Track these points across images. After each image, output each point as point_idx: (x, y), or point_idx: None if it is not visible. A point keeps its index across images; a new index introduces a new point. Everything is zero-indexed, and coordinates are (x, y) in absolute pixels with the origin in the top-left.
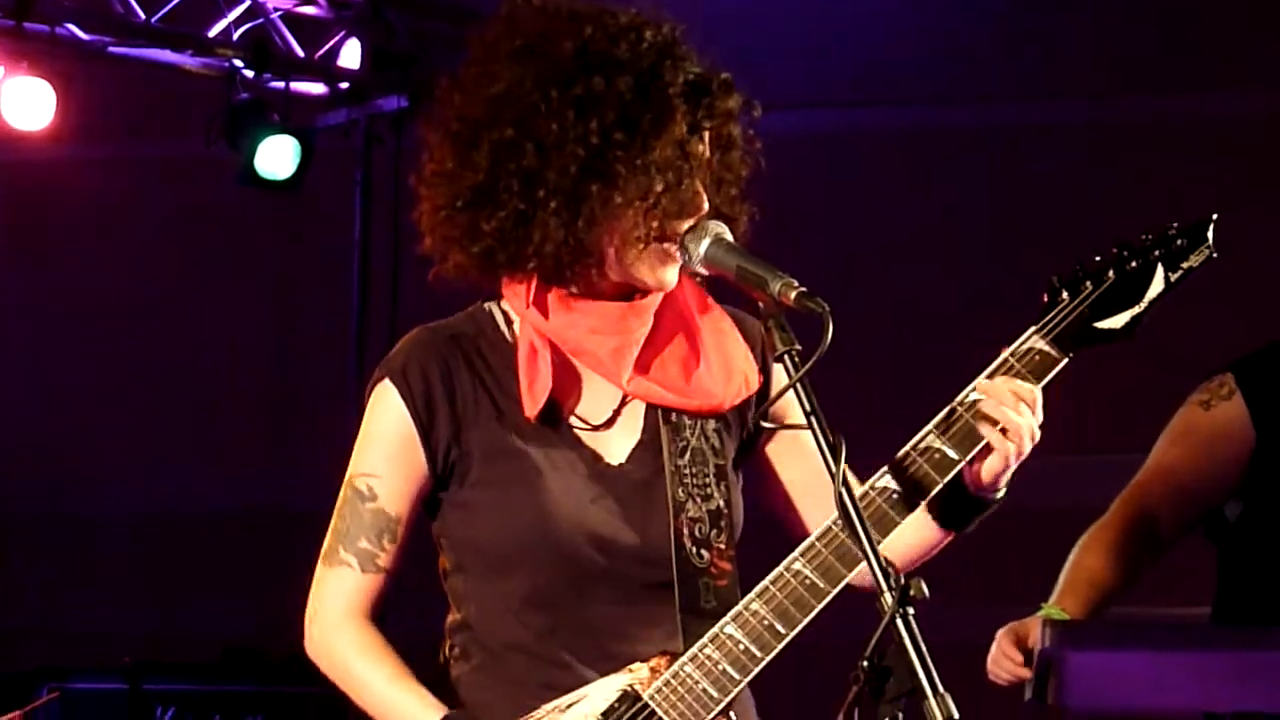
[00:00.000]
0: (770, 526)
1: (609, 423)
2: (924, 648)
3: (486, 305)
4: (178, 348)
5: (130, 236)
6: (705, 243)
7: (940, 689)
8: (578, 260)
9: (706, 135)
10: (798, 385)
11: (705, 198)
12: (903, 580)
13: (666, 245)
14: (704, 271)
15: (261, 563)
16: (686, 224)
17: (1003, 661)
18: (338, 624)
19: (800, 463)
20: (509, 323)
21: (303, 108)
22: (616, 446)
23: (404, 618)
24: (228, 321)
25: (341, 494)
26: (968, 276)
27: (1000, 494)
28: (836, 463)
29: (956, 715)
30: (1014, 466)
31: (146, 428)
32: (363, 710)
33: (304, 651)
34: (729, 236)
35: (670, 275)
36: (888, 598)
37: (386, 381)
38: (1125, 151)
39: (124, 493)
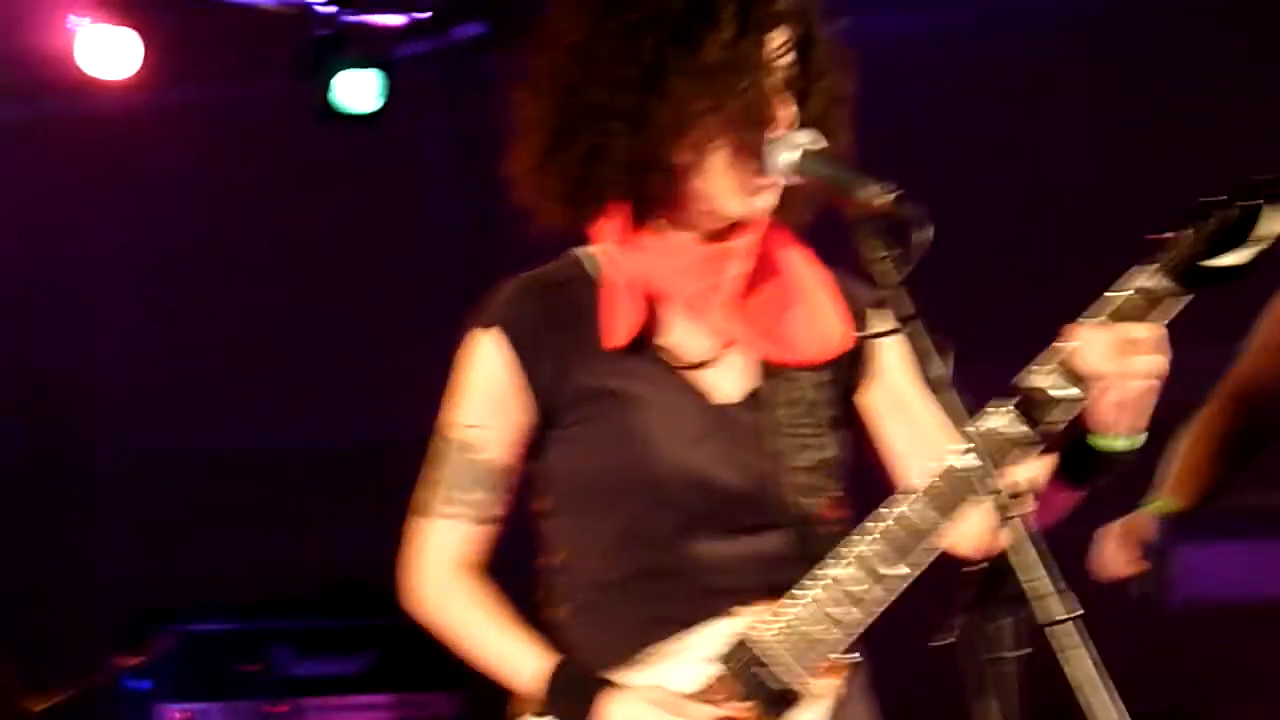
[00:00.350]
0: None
1: (710, 361)
2: (1041, 544)
3: (576, 251)
4: (272, 289)
5: (215, 179)
6: (795, 153)
7: (1063, 585)
8: (655, 196)
9: (775, 40)
10: (898, 289)
11: (780, 106)
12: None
13: (752, 170)
14: (794, 180)
15: (366, 496)
16: (764, 134)
17: (1118, 556)
18: (448, 575)
19: (904, 422)
20: (597, 266)
21: (382, 40)
22: (726, 387)
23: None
24: (318, 258)
25: (441, 444)
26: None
27: (1122, 443)
28: (942, 364)
29: (1080, 610)
30: (1138, 408)
31: (244, 368)
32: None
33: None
34: (820, 145)
35: (758, 203)
36: (1001, 495)
37: (485, 332)
38: None
39: (232, 431)
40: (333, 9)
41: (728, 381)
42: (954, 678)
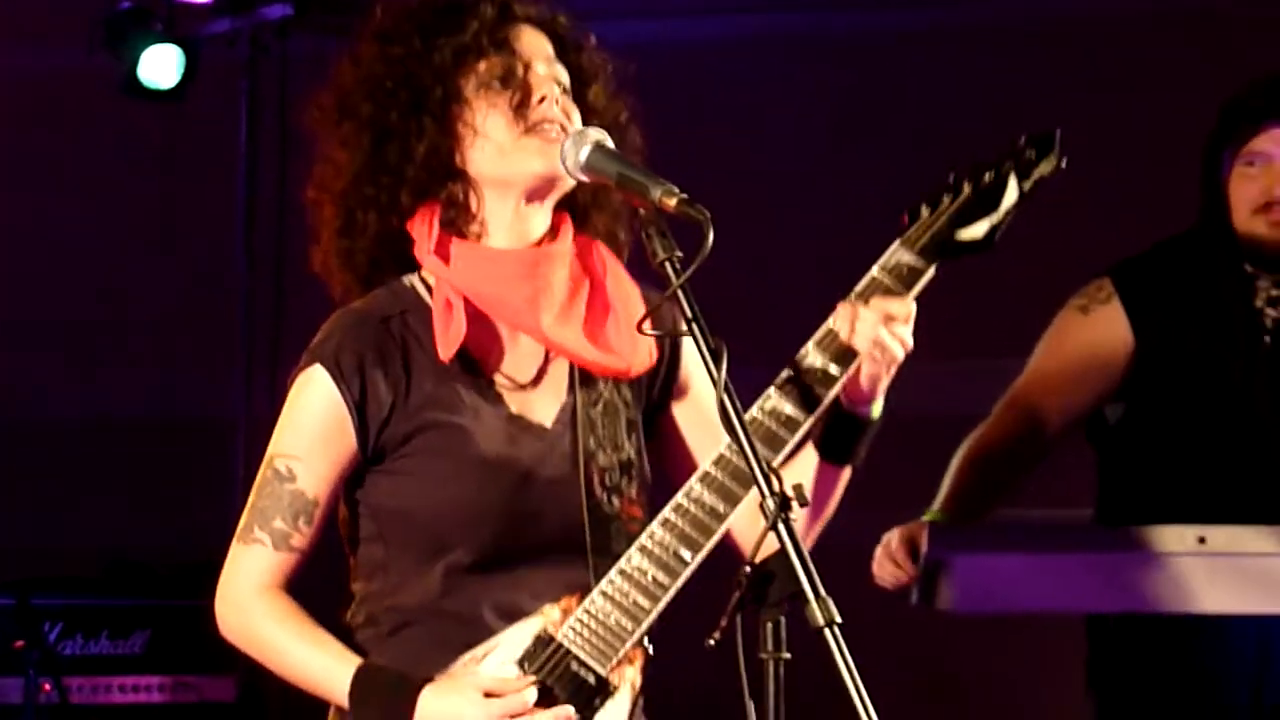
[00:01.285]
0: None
1: (534, 382)
2: (805, 552)
3: (405, 279)
4: (64, 259)
5: (12, 148)
6: (585, 149)
7: (822, 592)
8: (457, 195)
9: (524, 34)
10: (679, 291)
11: (545, 86)
12: (784, 485)
13: (539, 133)
14: (584, 178)
15: (144, 474)
16: (541, 109)
17: (888, 565)
18: (250, 597)
19: (709, 436)
20: (429, 289)
21: (186, 16)
22: (544, 408)
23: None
24: (111, 233)
25: (261, 473)
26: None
27: (876, 412)
28: (718, 367)
29: (838, 618)
30: (888, 377)
31: (31, 337)
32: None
33: (192, 564)
34: (609, 144)
35: (546, 157)
36: (769, 502)
37: (317, 366)
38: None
39: (11, 400)
40: None
41: (546, 401)
42: (727, 677)
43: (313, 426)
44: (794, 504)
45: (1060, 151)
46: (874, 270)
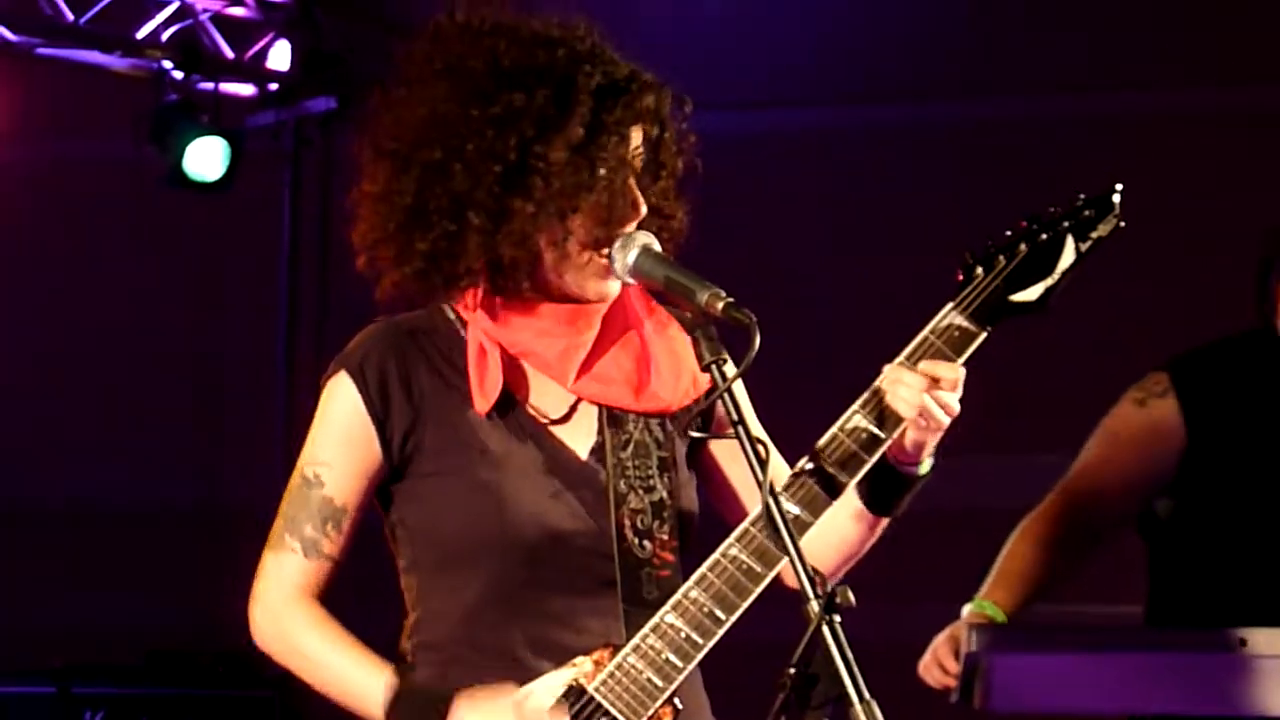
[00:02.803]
0: (717, 524)
1: (566, 418)
2: (849, 654)
3: (443, 307)
4: (105, 349)
5: (57, 237)
6: (633, 253)
7: (866, 695)
8: (511, 275)
9: (633, 135)
10: (725, 395)
11: (637, 203)
12: (829, 587)
13: (603, 263)
14: (631, 281)
15: (186, 564)
16: (618, 229)
17: (933, 669)
18: (283, 605)
19: (743, 461)
20: (463, 322)
21: (232, 109)
22: (579, 443)
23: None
24: (156, 323)
25: (291, 481)
26: (892, 274)
27: (925, 469)
28: (763, 471)
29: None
30: (935, 440)
31: (72, 427)
32: (314, 689)
33: (232, 653)
34: (657, 247)
35: (609, 288)
36: (814, 604)
37: (342, 374)
38: (1052, 149)
39: (50, 490)
40: (184, 75)
41: (578, 436)
42: None
43: (338, 433)
44: (839, 604)
45: (1120, 212)
46: (925, 332)
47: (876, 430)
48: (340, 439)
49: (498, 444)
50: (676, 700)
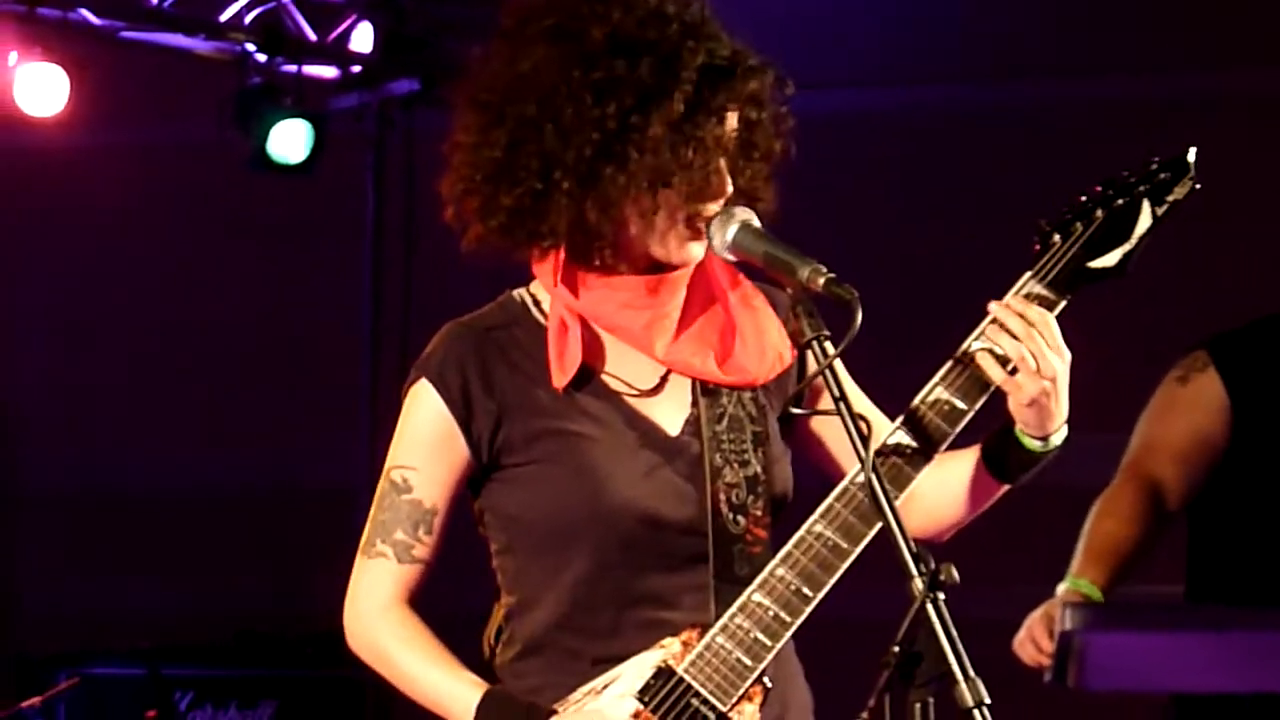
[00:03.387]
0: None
1: (656, 390)
2: (954, 632)
3: (515, 293)
4: (192, 332)
5: (142, 222)
6: (732, 229)
7: (971, 673)
8: (594, 240)
9: (731, 117)
10: (826, 371)
11: (728, 181)
12: (933, 564)
13: (691, 232)
14: (730, 257)
15: (274, 544)
16: (710, 207)
17: (1028, 646)
18: (377, 613)
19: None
20: (538, 305)
21: (315, 91)
22: (670, 417)
23: (443, 599)
24: (241, 306)
25: (379, 487)
26: (980, 254)
27: (1052, 442)
28: (866, 449)
29: (987, 699)
30: (1049, 404)
31: (161, 412)
32: (407, 697)
33: (320, 634)
34: (756, 222)
35: (696, 251)
36: (918, 582)
37: (423, 380)
38: (1130, 130)
39: (141, 474)
40: (267, 58)
41: (670, 409)
42: None
43: (423, 437)
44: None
45: (1195, 173)
46: (1007, 299)
47: (960, 402)
48: (426, 443)
49: (587, 426)
50: (766, 679)
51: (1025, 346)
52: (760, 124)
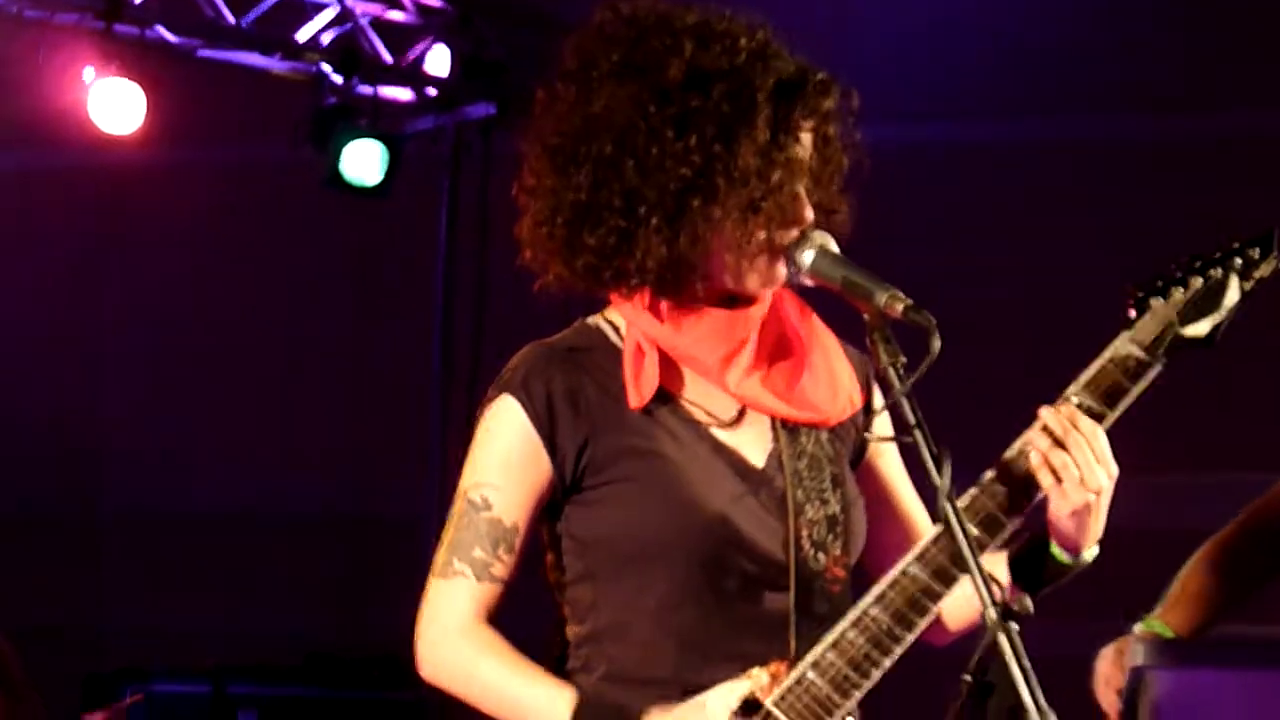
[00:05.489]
0: None
1: (735, 422)
2: (1027, 664)
3: (590, 320)
4: (266, 352)
5: (217, 240)
6: (811, 254)
7: (1044, 705)
8: (682, 274)
9: (806, 136)
10: (903, 398)
11: (808, 205)
12: (1006, 596)
13: (774, 260)
14: (809, 282)
15: (344, 568)
16: (791, 232)
17: (1109, 695)
18: (456, 633)
19: (898, 478)
20: (616, 331)
21: (390, 113)
22: (753, 449)
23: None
24: (313, 329)
25: (454, 507)
26: (1054, 293)
27: (1084, 558)
28: (941, 475)
29: None
30: (1087, 519)
31: (235, 432)
32: (489, 716)
33: (386, 656)
34: (834, 247)
35: (776, 279)
36: (991, 612)
37: (505, 396)
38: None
39: (212, 494)
40: (343, 79)
41: (751, 441)
42: None
43: (505, 454)
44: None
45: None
46: (1102, 360)
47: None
48: (507, 460)
49: (673, 447)
50: (852, 718)
51: (1073, 456)
52: (833, 139)
